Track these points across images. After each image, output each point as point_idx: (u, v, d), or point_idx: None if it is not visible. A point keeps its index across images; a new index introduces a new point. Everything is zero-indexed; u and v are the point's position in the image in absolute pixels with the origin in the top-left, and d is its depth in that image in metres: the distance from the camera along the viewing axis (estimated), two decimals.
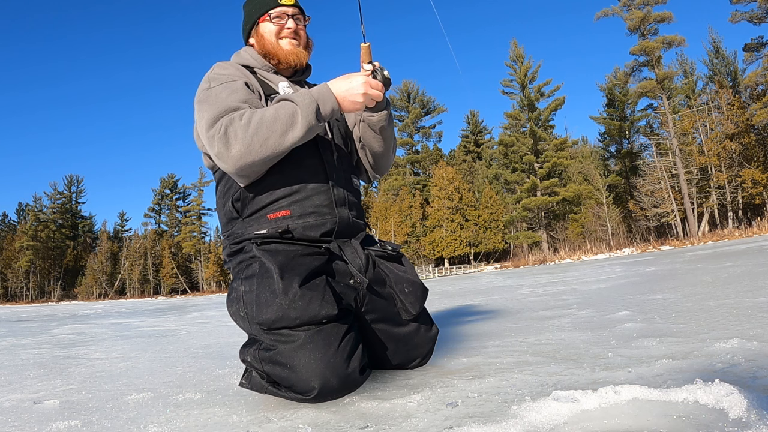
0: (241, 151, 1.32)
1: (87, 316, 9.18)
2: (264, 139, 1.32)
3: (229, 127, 1.34)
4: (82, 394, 1.63)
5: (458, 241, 41.58)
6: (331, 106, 1.40)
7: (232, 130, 1.33)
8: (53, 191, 64.22)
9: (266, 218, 1.44)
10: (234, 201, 1.48)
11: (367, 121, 1.60)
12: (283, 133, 1.34)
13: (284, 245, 1.40)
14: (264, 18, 1.62)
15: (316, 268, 1.35)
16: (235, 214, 1.47)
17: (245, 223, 1.46)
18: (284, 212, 1.43)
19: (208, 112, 1.40)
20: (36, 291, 60.58)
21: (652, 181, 34.13)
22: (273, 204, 1.44)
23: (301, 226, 1.43)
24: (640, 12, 32.60)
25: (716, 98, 33.61)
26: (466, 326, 2.63)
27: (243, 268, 1.41)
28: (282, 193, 1.44)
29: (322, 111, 1.38)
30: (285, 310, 1.25)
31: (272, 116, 1.34)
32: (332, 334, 1.26)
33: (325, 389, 1.21)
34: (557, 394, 1.02)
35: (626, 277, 5.61)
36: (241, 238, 1.46)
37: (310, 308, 1.25)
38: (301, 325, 1.25)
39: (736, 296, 2.52)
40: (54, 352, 3.13)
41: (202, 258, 58.32)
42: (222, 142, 1.33)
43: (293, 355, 1.23)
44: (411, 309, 1.50)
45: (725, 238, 24.20)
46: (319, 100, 1.38)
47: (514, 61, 41.20)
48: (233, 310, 1.39)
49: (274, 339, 1.26)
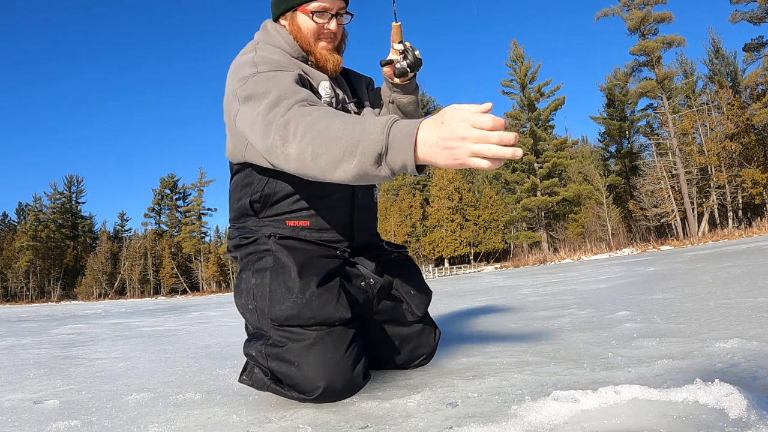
0: (294, 154, 1.08)
1: (87, 316, 9.17)
2: (316, 154, 1.05)
3: (295, 117, 1.10)
4: (82, 394, 1.63)
5: (458, 241, 41.57)
6: (402, 160, 0.98)
7: (296, 123, 1.09)
8: (53, 191, 64.25)
9: (284, 223, 1.40)
10: (253, 202, 1.41)
11: (397, 103, 1.57)
12: (338, 161, 1.03)
13: (302, 243, 1.38)
14: (304, 8, 1.40)
15: (332, 270, 1.34)
16: (250, 212, 1.42)
17: (261, 222, 1.42)
18: (304, 222, 1.40)
19: (267, 92, 1.18)
20: (36, 291, 60.57)
21: (652, 181, 34.14)
22: (294, 213, 1.40)
23: (318, 239, 1.41)
24: (640, 12, 32.60)
25: (716, 98, 33.61)
26: (466, 326, 2.63)
27: (254, 260, 1.38)
28: (305, 203, 1.39)
29: (388, 159, 0.99)
30: (300, 309, 1.25)
31: (337, 131, 1.04)
32: (342, 337, 1.27)
33: (329, 390, 1.22)
34: (557, 394, 1.02)
35: (626, 277, 5.60)
36: (254, 236, 1.42)
37: (326, 309, 1.25)
38: (314, 325, 1.25)
39: (736, 296, 2.52)
40: (54, 352, 3.13)
41: (202, 258, 58.32)
42: (280, 133, 1.11)
43: (302, 353, 1.23)
44: (416, 311, 1.52)
45: (725, 238, 24.20)
46: (393, 141, 0.98)
47: (514, 61, 41.20)
48: (241, 302, 1.38)
49: (284, 336, 1.26)
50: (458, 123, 0.92)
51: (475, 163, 0.91)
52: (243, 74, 1.27)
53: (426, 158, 0.96)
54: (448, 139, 0.92)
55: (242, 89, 1.24)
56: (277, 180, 1.38)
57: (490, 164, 0.91)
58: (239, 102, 1.25)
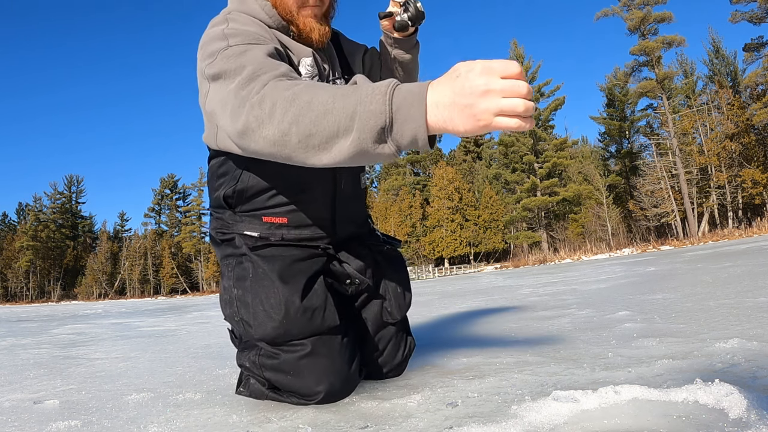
0: (275, 138, 0.92)
1: (87, 316, 9.17)
2: (305, 134, 0.89)
3: (272, 94, 0.94)
4: (82, 394, 1.63)
5: (458, 241, 41.58)
6: (411, 133, 0.81)
7: (273, 100, 0.93)
8: (53, 191, 64.26)
9: (260, 220, 1.29)
10: (226, 197, 1.30)
11: (400, 59, 1.45)
12: (329, 141, 0.87)
13: (280, 249, 1.27)
14: None
15: (316, 273, 1.26)
16: (225, 206, 1.32)
17: (236, 216, 1.31)
18: (281, 219, 1.29)
19: (240, 67, 1.03)
20: (36, 291, 60.58)
21: (652, 181, 34.15)
22: (270, 209, 1.29)
23: (296, 237, 1.30)
24: (640, 12, 32.62)
25: (716, 98, 33.63)
26: (466, 326, 2.63)
27: (232, 265, 1.29)
28: (282, 198, 1.28)
29: (394, 133, 0.83)
30: (286, 328, 1.19)
31: (326, 103, 0.87)
32: (335, 341, 1.24)
33: (330, 393, 1.21)
34: (557, 394, 1.02)
35: (626, 277, 5.60)
36: (231, 231, 1.32)
37: (313, 323, 1.21)
38: (304, 338, 1.21)
39: (736, 296, 2.52)
40: (54, 352, 3.12)
41: (202, 258, 58.31)
42: (255, 113, 0.94)
43: (297, 363, 1.21)
44: (396, 313, 1.43)
45: (725, 238, 24.20)
46: (398, 111, 0.81)
47: None
48: (228, 313, 1.31)
49: (275, 349, 1.23)
50: (479, 75, 0.76)
51: (500, 122, 0.76)
52: (212, 49, 1.12)
53: (440, 125, 0.79)
54: (468, 95, 0.76)
55: (210, 66, 1.09)
56: (251, 174, 1.25)
57: (521, 123, 0.75)
58: (208, 81, 1.10)
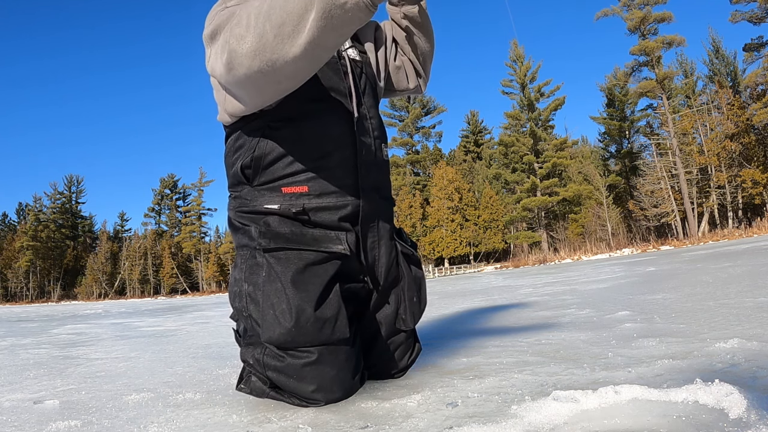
0: (254, 45, 0.98)
1: (87, 316, 9.17)
2: (278, 24, 0.95)
3: (244, 13, 1.02)
4: (82, 394, 1.63)
5: (458, 241, 41.58)
6: None
7: (246, 14, 1.01)
8: (53, 191, 64.29)
9: (280, 191, 1.26)
10: (244, 167, 1.27)
11: (410, 15, 1.43)
12: (300, 17, 0.92)
13: (295, 252, 1.23)
14: None
15: (329, 281, 1.23)
16: (243, 180, 1.30)
17: (255, 191, 1.28)
18: (302, 188, 1.25)
19: (232, 15, 1.08)
20: (36, 291, 60.59)
21: (652, 181, 34.15)
22: (290, 177, 1.25)
23: (319, 206, 1.26)
24: (640, 12, 32.61)
25: (716, 98, 33.63)
26: (466, 326, 2.63)
27: (245, 257, 1.28)
28: (301, 165, 1.25)
29: None
30: (294, 335, 1.17)
31: None
32: (342, 351, 1.23)
33: (330, 401, 1.22)
34: (557, 394, 1.02)
35: (626, 277, 5.60)
36: (249, 209, 1.29)
37: (323, 333, 1.19)
38: (312, 346, 1.21)
39: (736, 296, 2.52)
40: (54, 352, 3.12)
41: (202, 258, 58.33)
42: (235, 32, 1.01)
43: (301, 370, 1.20)
44: (410, 321, 1.43)
45: (725, 238, 24.20)
46: None
47: (514, 61, 41.20)
48: (237, 306, 1.30)
49: (281, 352, 1.22)
50: None
51: None
52: (211, 14, 1.15)
53: None
54: None
55: (208, 27, 1.12)
56: (267, 140, 1.26)
57: None
58: (209, 45, 1.13)
